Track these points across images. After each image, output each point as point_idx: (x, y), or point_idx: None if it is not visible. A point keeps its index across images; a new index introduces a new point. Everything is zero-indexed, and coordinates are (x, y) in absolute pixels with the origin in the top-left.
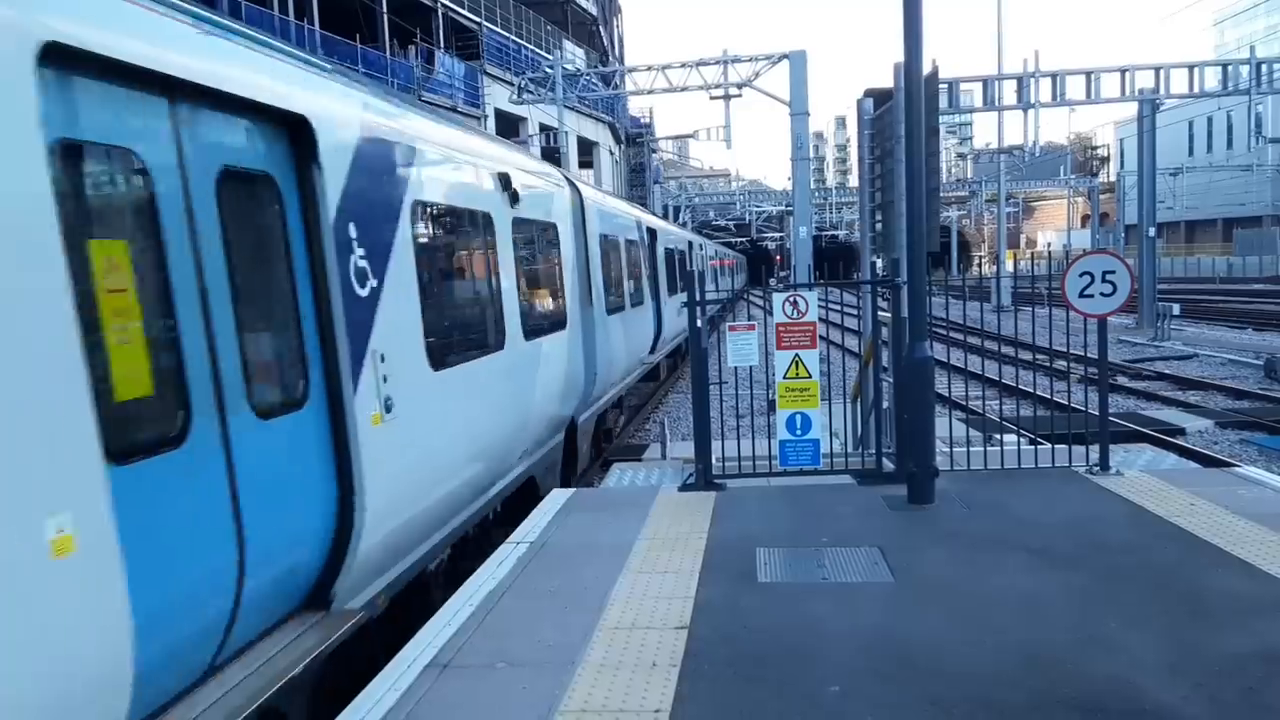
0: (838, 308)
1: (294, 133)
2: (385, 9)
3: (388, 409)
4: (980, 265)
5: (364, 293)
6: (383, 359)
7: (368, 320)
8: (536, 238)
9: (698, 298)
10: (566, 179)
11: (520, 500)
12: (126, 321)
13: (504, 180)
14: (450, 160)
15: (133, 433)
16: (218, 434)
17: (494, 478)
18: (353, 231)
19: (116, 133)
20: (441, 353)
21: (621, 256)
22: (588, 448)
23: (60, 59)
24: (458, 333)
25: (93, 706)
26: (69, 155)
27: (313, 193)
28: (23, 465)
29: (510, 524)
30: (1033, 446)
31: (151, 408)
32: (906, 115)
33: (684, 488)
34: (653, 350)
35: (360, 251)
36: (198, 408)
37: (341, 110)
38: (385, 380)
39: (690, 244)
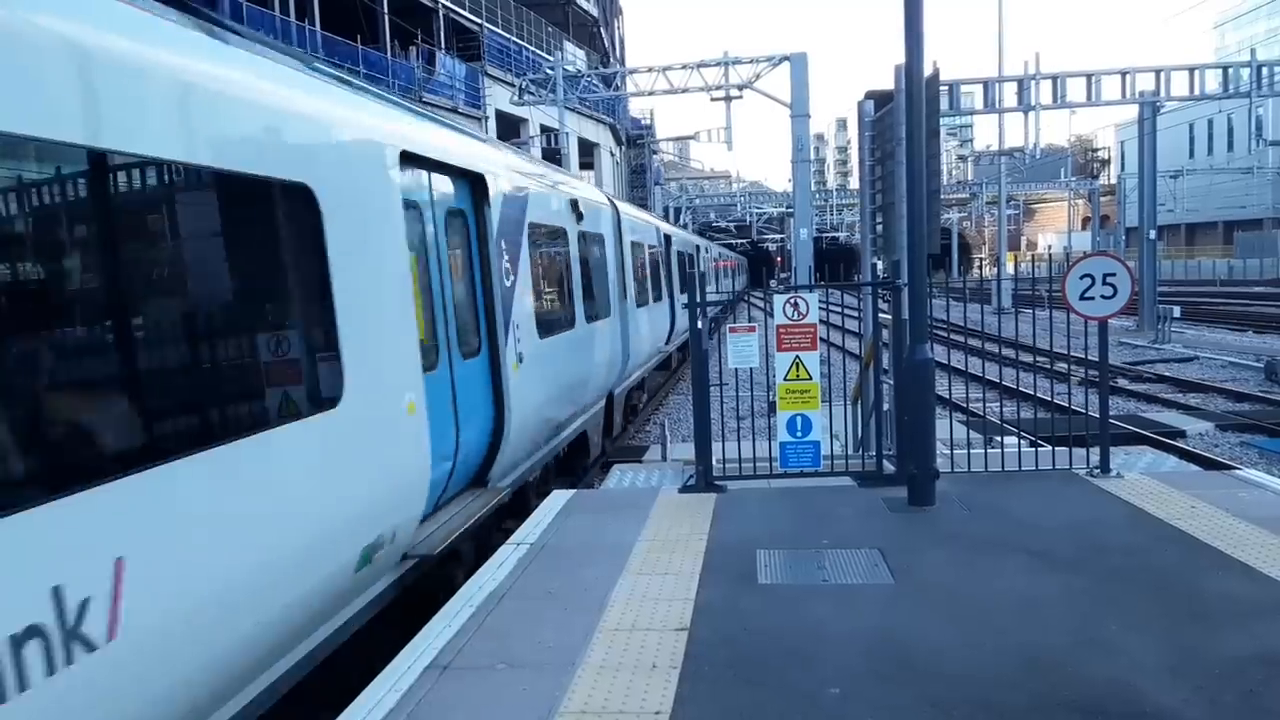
0: (838, 309)
1: (475, 183)
2: (386, 10)
3: (520, 360)
4: (981, 267)
5: (508, 284)
6: (517, 327)
7: (509, 302)
8: (592, 245)
9: (698, 299)
10: (608, 198)
11: (574, 452)
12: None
13: (573, 204)
14: (545, 191)
15: (427, 359)
16: (449, 365)
17: (568, 420)
18: (502, 245)
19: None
20: (544, 327)
21: (645, 259)
22: (620, 418)
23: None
24: (551, 314)
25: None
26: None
27: (485, 221)
28: (399, 371)
29: (567, 474)
30: (1033, 449)
31: (429, 348)
32: (907, 117)
33: (684, 489)
34: (668, 340)
35: (506, 257)
36: (441, 349)
37: (499, 165)
38: (519, 342)
39: (698, 247)
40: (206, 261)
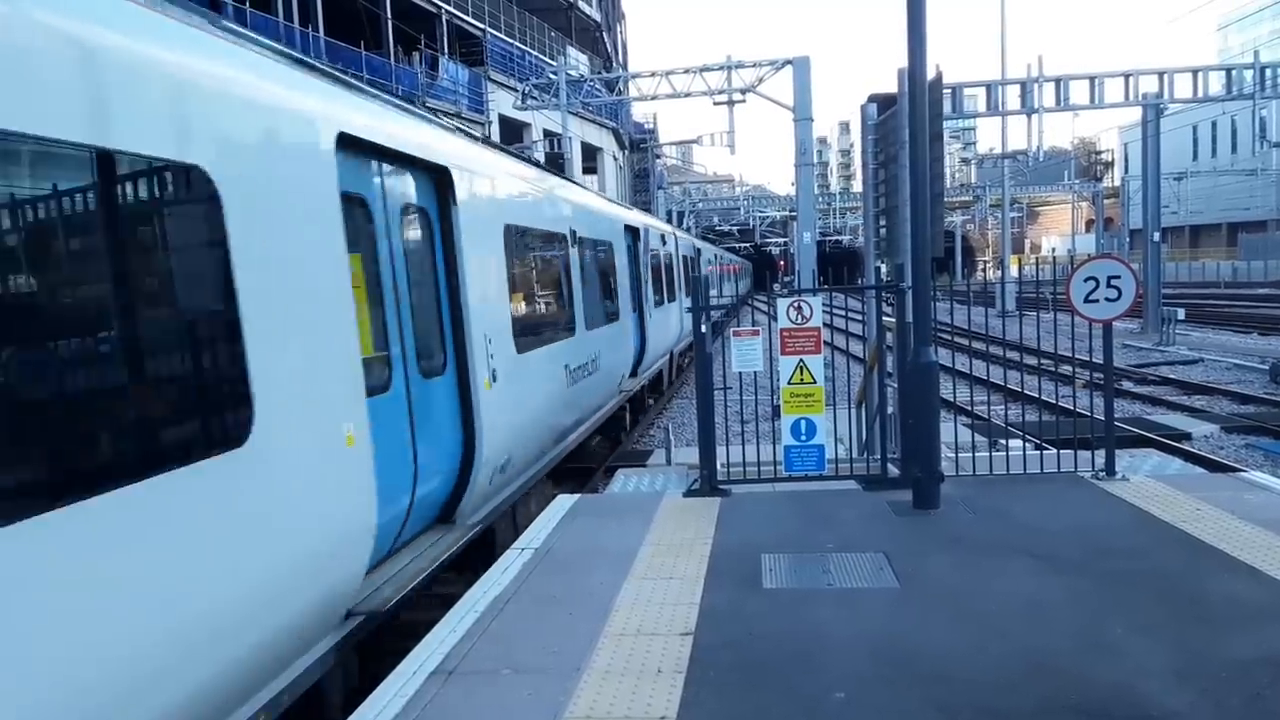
0: (842, 313)
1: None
2: (389, 15)
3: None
4: (985, 270)
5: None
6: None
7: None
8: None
9: (702, 303)
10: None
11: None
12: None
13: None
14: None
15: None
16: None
17: (673, 343)
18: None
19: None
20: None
21: (661, 265)
22: (674, 371)
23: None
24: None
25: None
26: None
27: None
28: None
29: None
30: (1038, 452)
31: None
32: (910, 120)
33: (689, 493)
34: (679, 340)
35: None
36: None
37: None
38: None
39: (713, 255)
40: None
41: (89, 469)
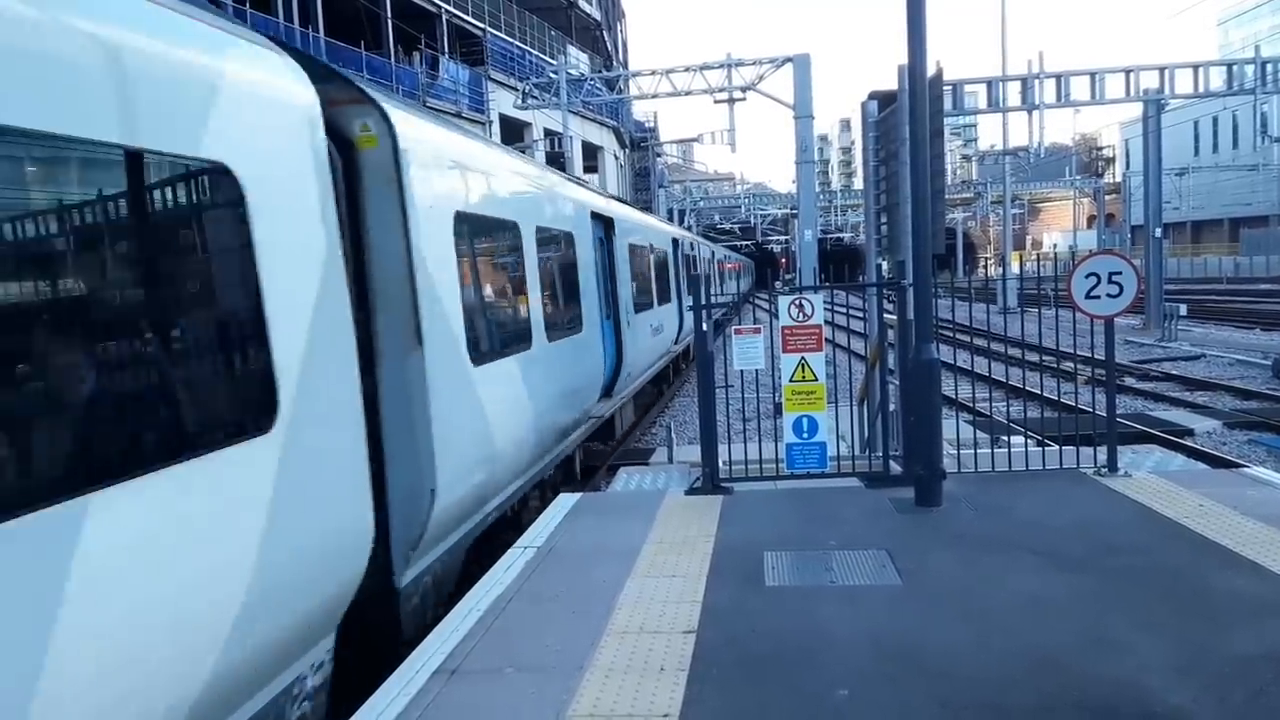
0: (843, 310)
1: (608, 222)
2: (390, 15)
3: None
4: (986, 267)
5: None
6: (623, 306)
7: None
8: (677, 260)
9: (703, 301)
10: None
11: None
12: None
13: (675, 240)
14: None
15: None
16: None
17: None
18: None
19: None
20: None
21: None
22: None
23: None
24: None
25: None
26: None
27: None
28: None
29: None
30: (1040, 448)
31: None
32: (911, 117)
33: (691, 491)
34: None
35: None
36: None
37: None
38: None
39: (711, 252)
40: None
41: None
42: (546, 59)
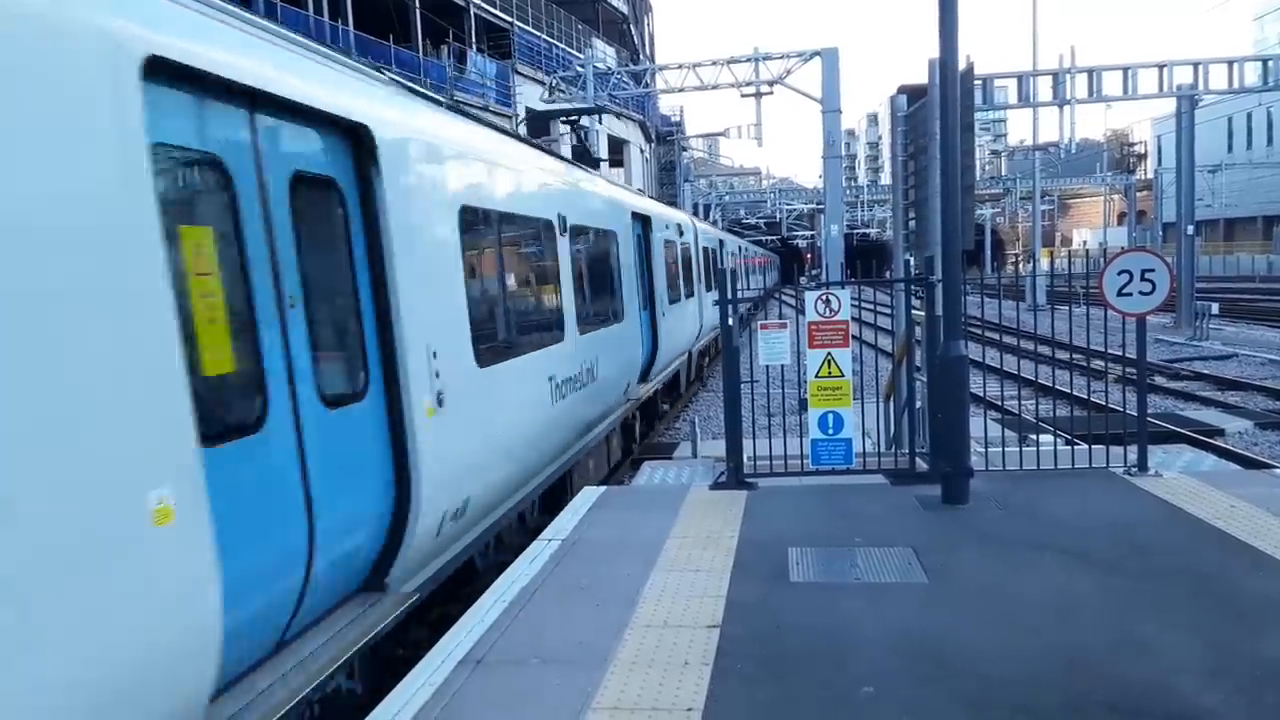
0: (870, 306)
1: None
2: (418, 8)
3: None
4: (1015, 263)
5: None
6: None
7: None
8: (715, 257)
9: (730, 296)
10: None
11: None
12: None
13: (720, 241)
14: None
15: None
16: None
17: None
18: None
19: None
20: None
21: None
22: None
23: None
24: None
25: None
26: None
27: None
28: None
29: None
30: (1069, 447)
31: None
32: (941, 112)
33: (715, 486)
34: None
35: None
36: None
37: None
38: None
39: (740, 247)
40: None
41: None
42: (573, 52)
